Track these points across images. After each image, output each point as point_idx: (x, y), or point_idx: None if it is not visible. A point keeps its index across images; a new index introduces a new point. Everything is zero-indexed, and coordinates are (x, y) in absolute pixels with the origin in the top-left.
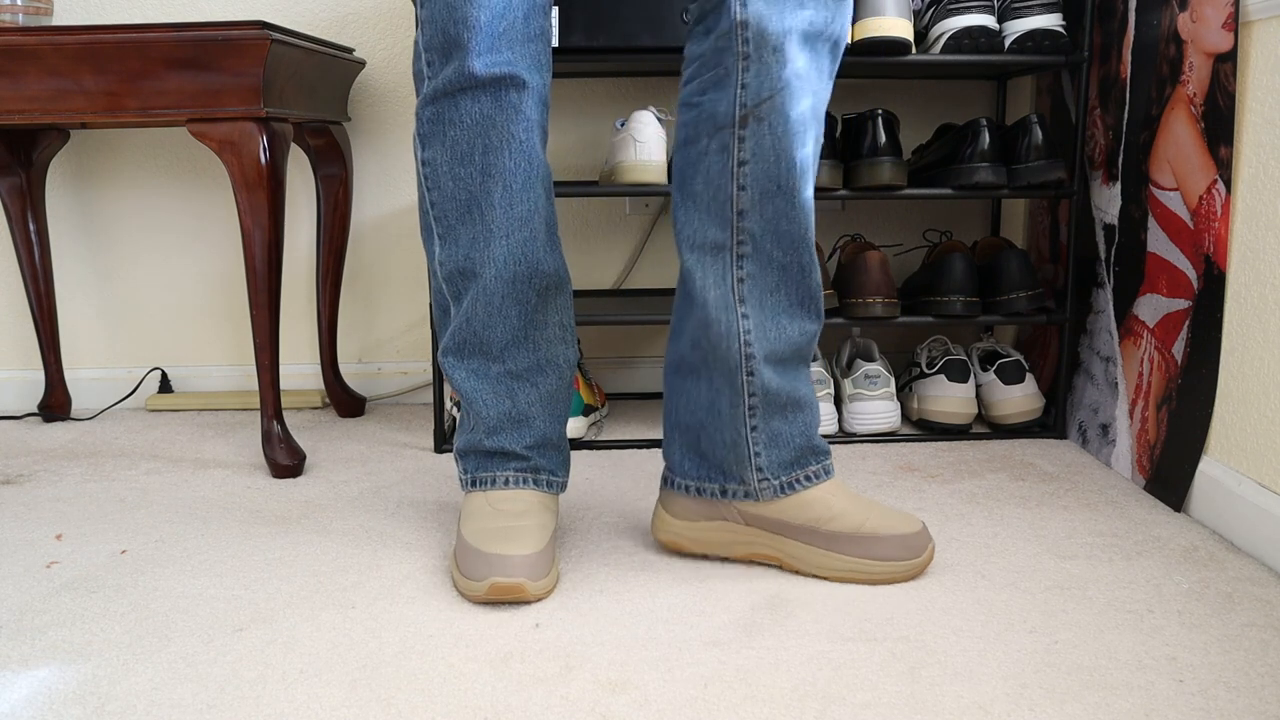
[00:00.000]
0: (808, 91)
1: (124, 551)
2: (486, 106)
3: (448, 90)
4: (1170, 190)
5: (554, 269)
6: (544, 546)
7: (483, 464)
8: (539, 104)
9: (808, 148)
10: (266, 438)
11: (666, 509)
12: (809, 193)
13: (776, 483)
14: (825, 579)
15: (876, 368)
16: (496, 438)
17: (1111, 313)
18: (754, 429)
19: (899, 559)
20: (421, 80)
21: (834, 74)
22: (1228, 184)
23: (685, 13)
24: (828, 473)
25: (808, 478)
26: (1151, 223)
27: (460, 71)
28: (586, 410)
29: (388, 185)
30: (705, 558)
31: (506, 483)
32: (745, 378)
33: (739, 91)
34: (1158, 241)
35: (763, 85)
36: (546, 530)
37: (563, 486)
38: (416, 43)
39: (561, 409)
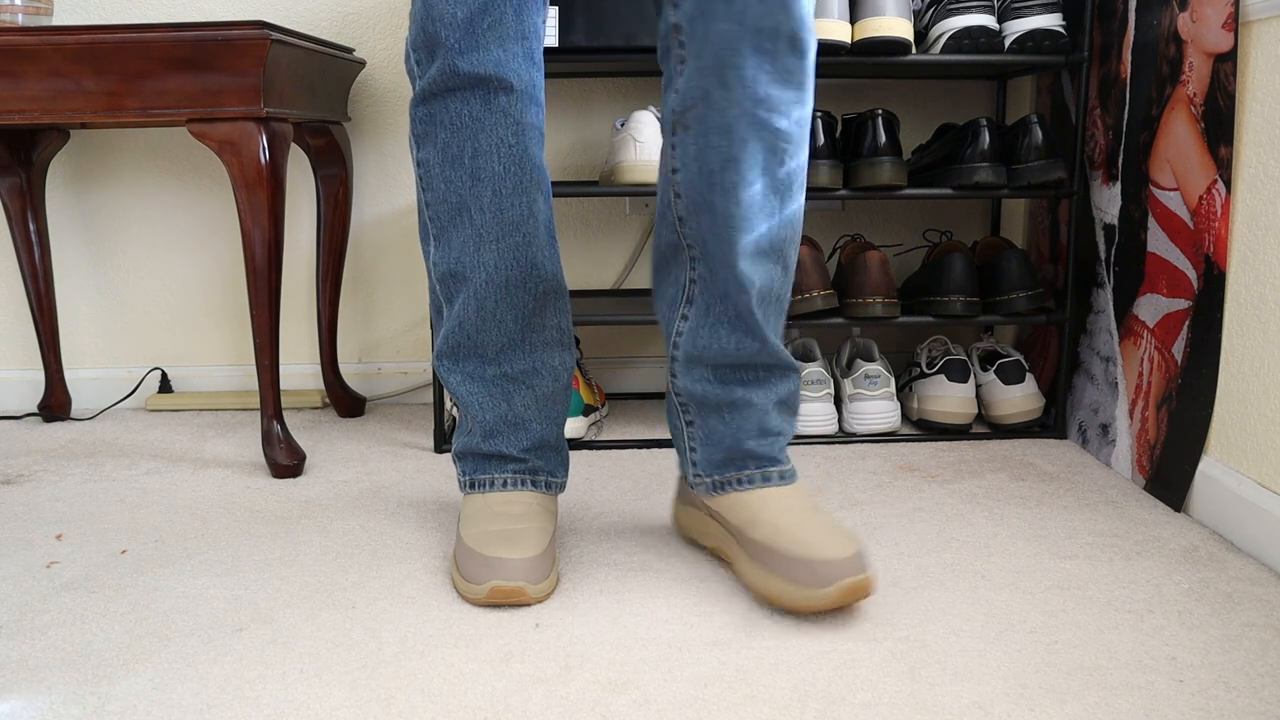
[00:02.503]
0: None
1: (124, 551)
2: (476, 108)
3: (435, 90)
4: (1170, 190)
5: (551, 273)
6: (544, 549)
7: (480, 466)
8: (530, 105)
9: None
10: (266, 438)
11: (678, 490)
12: (738, 210)
13: (709, 480)
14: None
15: (876, 368)
16: (493, 441)
17: (1111, 313)
18: (689, 424)
19: (801, 584)
20: (413, 79)
21: (791, 83)
22: (1228, 184)
23: None
24: (770, 479)
25: (740, 480)
26: (1151, 223)
27: (444, 70)
28: (586, 410)
29: (388, 185)
30: (707, 559)
31: (504, 485)
32: (669, 377)
33: (672, 96)
34: (1158, 241)
35: (690, 91)
36: (546, 533)
37: (561, 487)
38: (407, 41)
39: (559, 411)
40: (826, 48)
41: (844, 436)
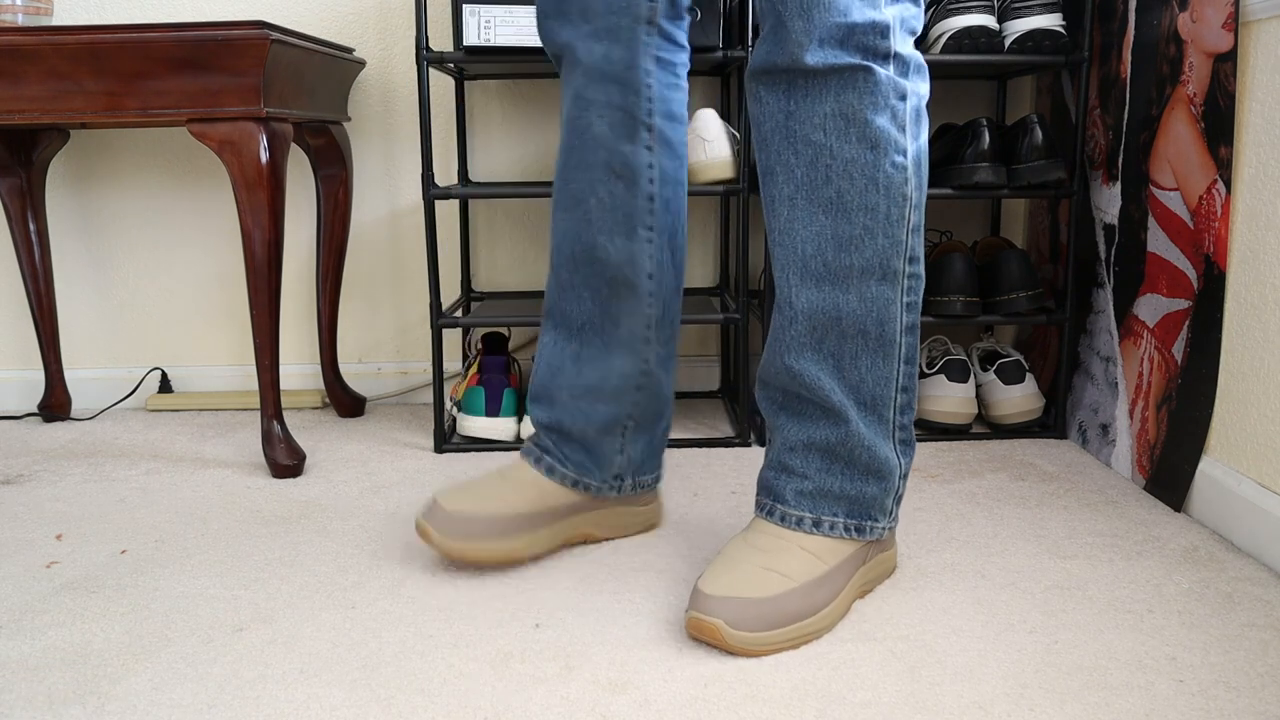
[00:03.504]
0: None
1: (124, 551)
2: (565, 74)
3: (547, 51)
4: (1170, 190)
5: (616, 263)
6: (476, 512)
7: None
8: (598, 82)
9: None
10: (266, 438)
11: None
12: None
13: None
14: None
15: None
16: (531, 405)
17: (1111, 313)
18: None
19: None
20: None
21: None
22: (1228, 184)
23: (689, 11)
24: (769, 511)
25: (757, 504)
26: (1151, 223)
27: (539, 31)
28: None
29: (388, 185)
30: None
31: (523, 453)
32: None
33: None
34: (1158, 241)
35: None
36: (505, 501)
37: (570, 480)
38: None
39: (597, 410)
40: None
41: None
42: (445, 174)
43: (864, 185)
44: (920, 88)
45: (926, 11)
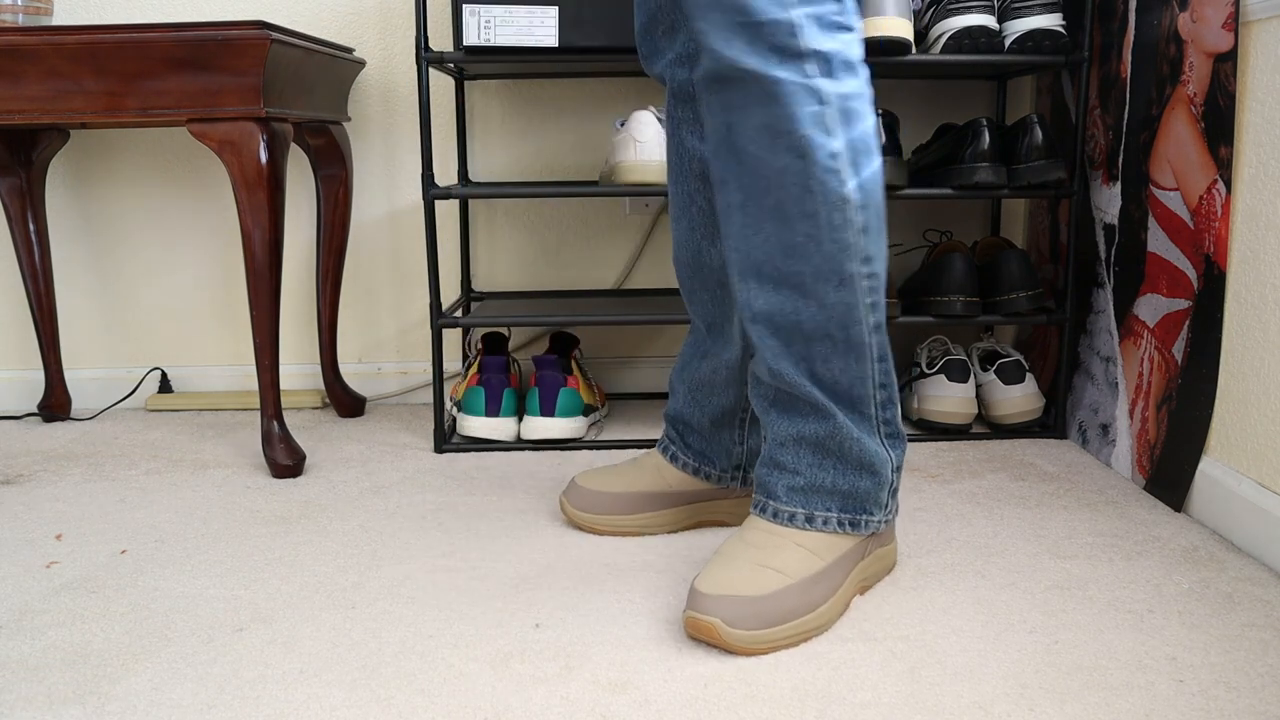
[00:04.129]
0: None
1: (124, 551)
2: (665, 100)
3: None
4: (1170, 190)
5: (721, 265)
6: (603, 489)
7: None
8: (684, 102)
9: None
10: (266, 438)
11: None
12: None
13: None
14: None
15: None
16: (669, 398)
17: (1111, 313)
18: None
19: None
20: None
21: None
22: (1228, 184)
23: None
24: (761, 508)
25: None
26: (1151, 223)
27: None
28: (586, 410)
29: (388, 185)
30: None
31: (658, 442)
32: None
33: None
34: (1158, 241)
35: None
36: (629, 481)
37: (692, 468)
38: None
39: (706, 399)
40: None
41: None
42: (445, 174)
43: (798, 193)
44: (847, 85)
45: (926, 12)
